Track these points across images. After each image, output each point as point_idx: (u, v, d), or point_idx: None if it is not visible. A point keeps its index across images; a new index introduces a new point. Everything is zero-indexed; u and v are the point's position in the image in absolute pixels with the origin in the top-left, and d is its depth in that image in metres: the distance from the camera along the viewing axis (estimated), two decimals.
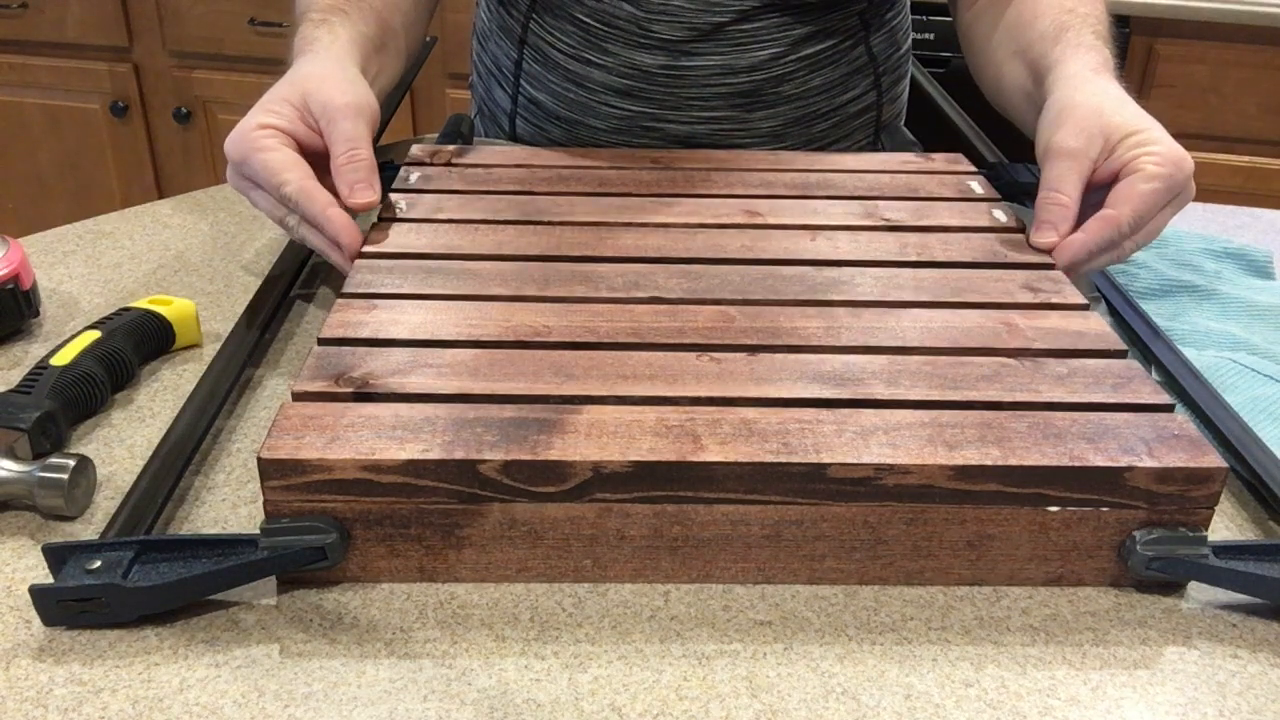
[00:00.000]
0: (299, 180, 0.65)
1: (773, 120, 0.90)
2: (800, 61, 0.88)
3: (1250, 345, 0.70)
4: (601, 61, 0.88)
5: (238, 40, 2.05)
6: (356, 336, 0.56)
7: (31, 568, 0.49)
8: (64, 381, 0.57)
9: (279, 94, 0.68)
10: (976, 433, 0.49)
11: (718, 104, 0.88)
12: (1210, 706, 0.44)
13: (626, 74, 0.87)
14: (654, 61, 0.86)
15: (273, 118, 0.67)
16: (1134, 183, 0.66)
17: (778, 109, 0.90)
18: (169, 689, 0.43)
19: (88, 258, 0.77)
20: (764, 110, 0.89)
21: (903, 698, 0.44)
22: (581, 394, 0.51)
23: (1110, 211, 0.66)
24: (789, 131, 0.91)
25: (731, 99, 0.88)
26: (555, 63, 0.90)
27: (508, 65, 0.94)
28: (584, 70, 0.89)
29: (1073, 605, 0.49)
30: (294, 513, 0.46)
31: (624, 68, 0.87)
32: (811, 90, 0.90)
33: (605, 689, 0.44)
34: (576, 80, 0.89)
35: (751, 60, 0.87)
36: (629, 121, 0.90)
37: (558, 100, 0.91)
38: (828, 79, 0.90)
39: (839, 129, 0.94)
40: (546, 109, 0.93)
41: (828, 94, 0.91)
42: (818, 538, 0.48)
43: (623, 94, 0.88)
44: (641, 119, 0.89)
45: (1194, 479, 0.47)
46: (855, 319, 0.59)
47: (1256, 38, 1.76)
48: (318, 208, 0.65)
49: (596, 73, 0.88)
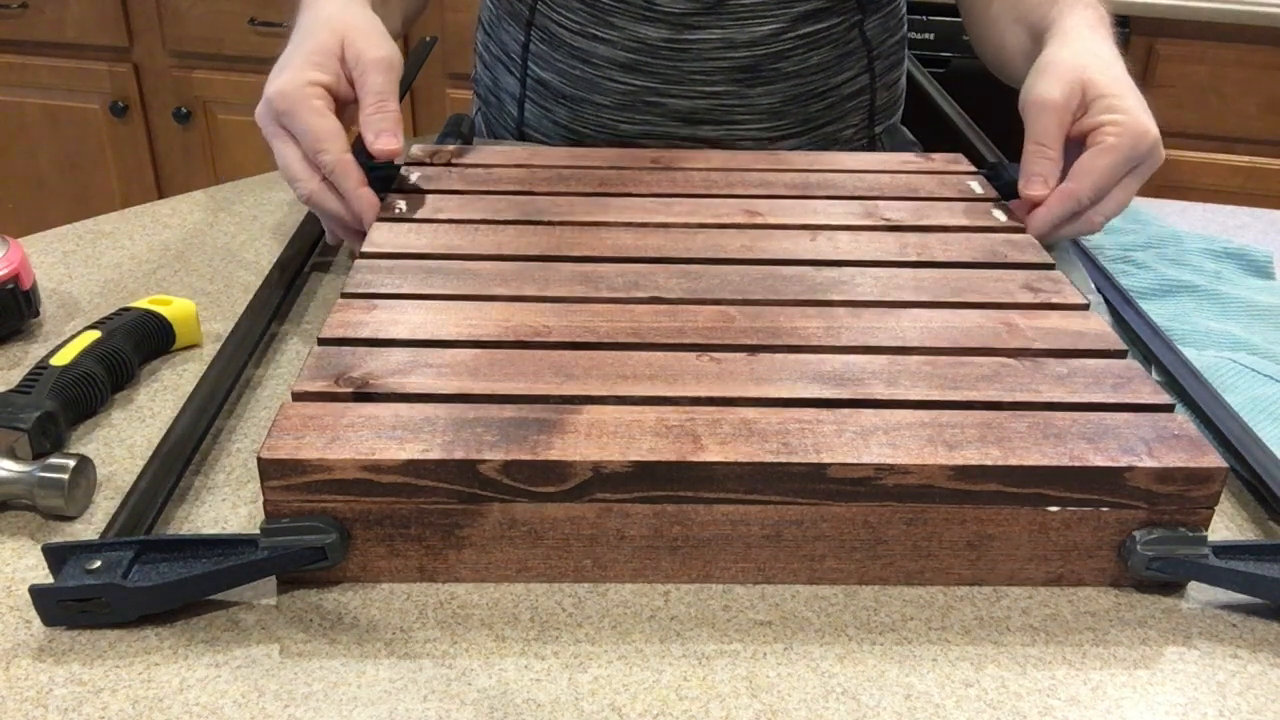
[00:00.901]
0: (339, 153, 0.68)
1: (771, 97, 0.92)
2: (799, 39, 0.91)
3: (1250, 345, 0.70)
4: (607, 36, 0.90)
5: (238, 40, 2.05)
6: (356, 336, 0.56)
7: (31, 568, 0.49)
8: (64, 381, 0.57)
9: (321, 43, 0.71)
10: (976, 433, 0.49)
11: (719, 78, 0.91)
12: (1210, 706, 0.44)
13: (631, 48, 0.90)
14: (657, 35, 0.89)
15: (320, 73, 0.69)
16: (1093, 156, 0.69)
17: (776, 85, 0.92)
18: (169, 689, 0.43)
19: (88, 258, 0.77)
20: (763, 86, 0.92)
21: (903, 698, 0.44)
22: (581, 394, 0.51)
23: (1070, 185, 0.69)
24: (787, 109, 0.93)
25: (732, 74, 0.91)
26: (561, 40, 0.92)
27: (515, 49, 0.96)
28: (590, 46, 0.91)
29: (1073, 605, 0.49)
30: (294, 513, 0.46)
31: (628, 41, 0.90)
32: (809, 68, 0.93)
33: (605, 689, 0.44)
34: (582, 57, 0.92)
35: (752, 35, 0.89)
36: (632, 97, 0.92)
37: (563, 78, 0.94)
38: (825, 58, 0.93)
39: (833, 110, 0.96)
40: (553, 88, 0.95)
41: (824, 73, 0.94)
42: (818, 538, 0.48)
43: (627, 69, 0.91)
44: (644, 94, 0.91)
45: (1194, 479, 0.47)
46: (855, 319, 0.59)
47: (1256, 38, 1.76)
48: (351, 183, 0.68)
49: (602, 48, 0.91)
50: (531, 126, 0.98)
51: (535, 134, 0.98)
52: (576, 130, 0.95)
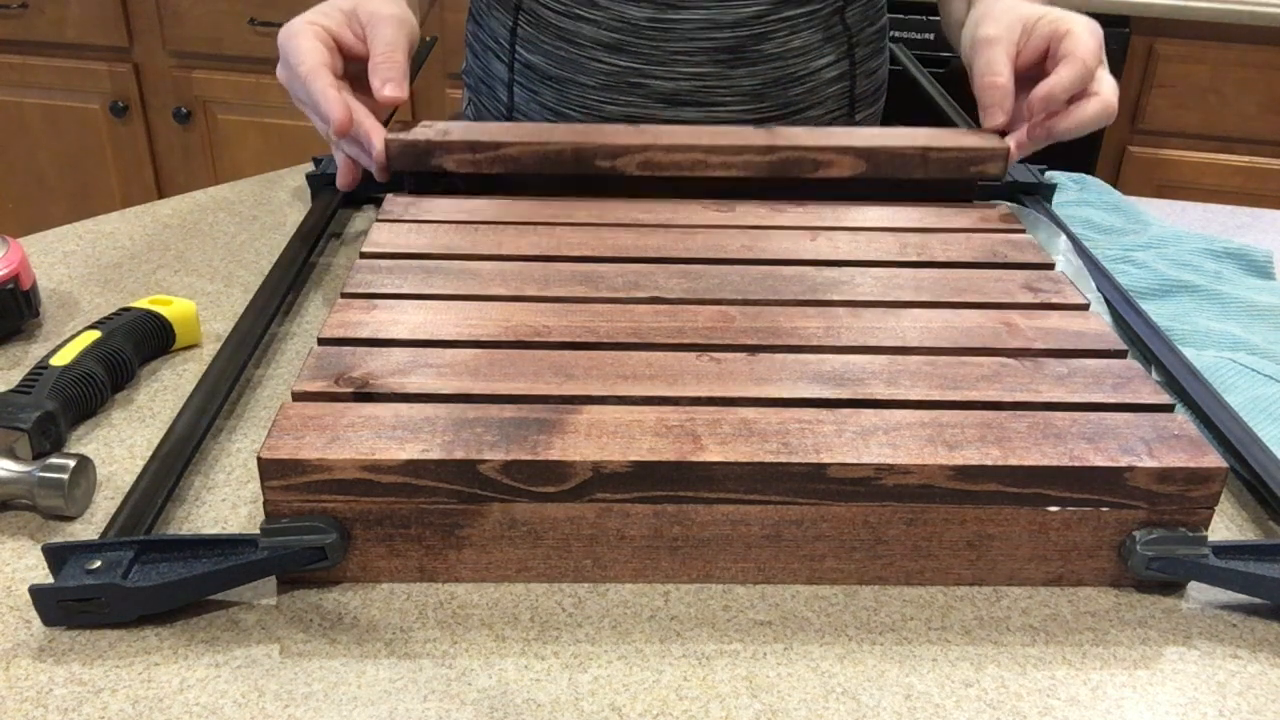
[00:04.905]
0: (313, 63, 0.71)
1: (753, 79, 0.93)
2: (782, 21, 0.92)
3: (1250, 345, 0.70)
4: (591, 16, 0.91)
5: (238, 40, 2.05)
6: (356, 336, 0.56)
7: (31, 568, 0.49)
8: (64, 381, 0.57)
9: (336, 3, 0.76)
10: (976, 433, 0.49)
11: (702, 59, 0.91)
12: (1210, 706, 0.44)
13: (615, 27, 0.91)
14: (641, 14, 0.90)
15: (321, 17, 0.74)
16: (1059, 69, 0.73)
17: (758, 68, 0.93)
18: (169, 689, 0.43)
19: (88, 258, 0.77)
20: (745, 68, 0.93)
21: (903, 698, 0.44)
22: (581, 394, 0.51)
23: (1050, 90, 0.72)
24: (768, 92, 0.94)
25: (715, 54, 0.91)
26: (547, 22, 0.93)
27: (503, 35, 0.98)
28: (574, 26, 0.92)
29: (1073, 605, 0.49)
30: (294, 513, 0.46)
31: (613, 21, 0.90)
32: (791, 51, 0.94)
33: (605, 689, 0.44)
34: (567, 38, 0.93)
35: (735, 16, 0.90)
36: (616, 78, 0.93)
37: (549, 60, 0.95)
38: (806, 42, 0.94)
39: (813, 94, 0.97)
40: (539, 70, 0.96)
41: (804, 57, 0.95)
42: (818, 538, 0.48)
43: (611, 48, 0.91)
44: (628, 74, 0.92)
45: (1194, 479, 0.47)
46: (855, 319, 0.59)
47: (1256, 38, 1.76)
48: (320, 84, 0.70)
49: (587, 28, 0.92)
50: (520, 111, 1.00)
51: (524, 118, 1.00)
52: (562, 112, 0.96)
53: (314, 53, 0.72)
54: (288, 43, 0.72)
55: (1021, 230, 0.71)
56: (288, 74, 0.73)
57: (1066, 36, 0.73)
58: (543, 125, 0.79)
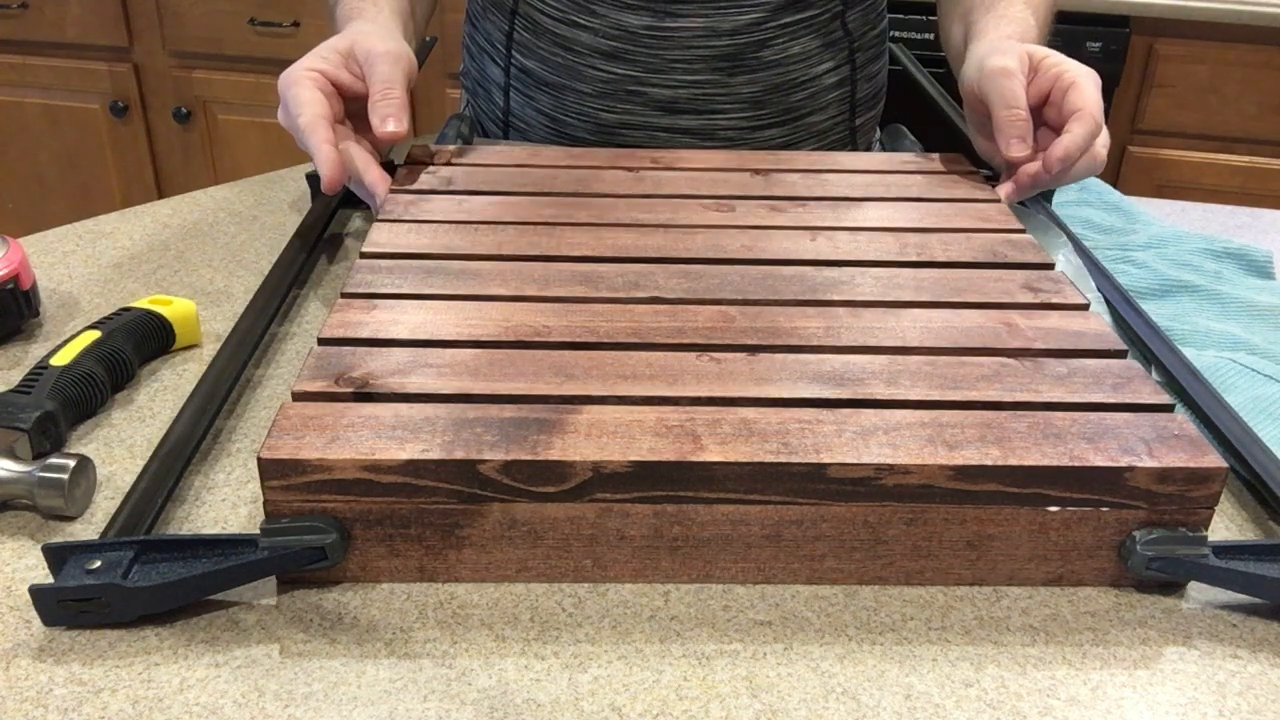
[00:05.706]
0: (312, 115, 0.71)
1: (752, 86, 0.93)
2: (781, 29, 0.92)
3: (1250, 345, 0.70)
4: (589, 24, 0.91)
5: (238, 40, 2.05)
6: (356, 336, 0.56)
7: (31, 568, 0.49)
8: (64, 381, 0.57)
9: (331, 44, 0.77)
10: (976, 433, 0.49)
11: (700, 67, 0.91)
12: (1210, 706, 0.44)
13: (613, 35, 0.90)
14: (639, 22, 0.90)
15: (320, 61, 0.74)
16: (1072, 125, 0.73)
17: (757, 75, 0.93)
18: (169, 689, 0.43)
19: (88, 258, 0.77)
20: (745, 75, 0.92)
21: (903, 698, 0.44)
22: (581, 394, 0.51)
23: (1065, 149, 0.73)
24: (768, 99, 0.94)
25: (714, 62, 0.91)
26: (544, 28, 0.93)
27: (499, 39, 0.98)
28: (572, 33, 0.92)
29: (1073, 605, 0.49)
30: (294, 513, 0.46)
31: (610, 29, 0.90)
32: (791, 58, 0.93)
33: (605, 689, 0.44)
34: (564, 44, 0.93)
35: (734, 23, 0.90)
36: (614, 85, 0.92)
37: (546, 66, 0.94)
38: (806, 48, 0.94)
39: (814, 100, 0.97)
40: (536, 76, 0.96)
41: (805, 63, 0.95)
42: (818, 538, 0.48)
43: (609, 56, 0.91)
44: (626, 82, 0.92)
45: (1194, 479, 0.47)
46: (855, 319, 0.59)
47: (1256, 38, 1.76)
48: (316, 139, 0.70)
49: (584, 35, 0.91)
50: (516, 116, 0.99)
51: (520, 123, 0.99)
52: (559, 119, 0.96)
53: (312, 104, 0.72)
54: (287, 91, 0.73)
55: (1021, 230, 0.71)
56: (288, 121, 0.73)
57: (1072, 88, 0.73)
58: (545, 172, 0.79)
